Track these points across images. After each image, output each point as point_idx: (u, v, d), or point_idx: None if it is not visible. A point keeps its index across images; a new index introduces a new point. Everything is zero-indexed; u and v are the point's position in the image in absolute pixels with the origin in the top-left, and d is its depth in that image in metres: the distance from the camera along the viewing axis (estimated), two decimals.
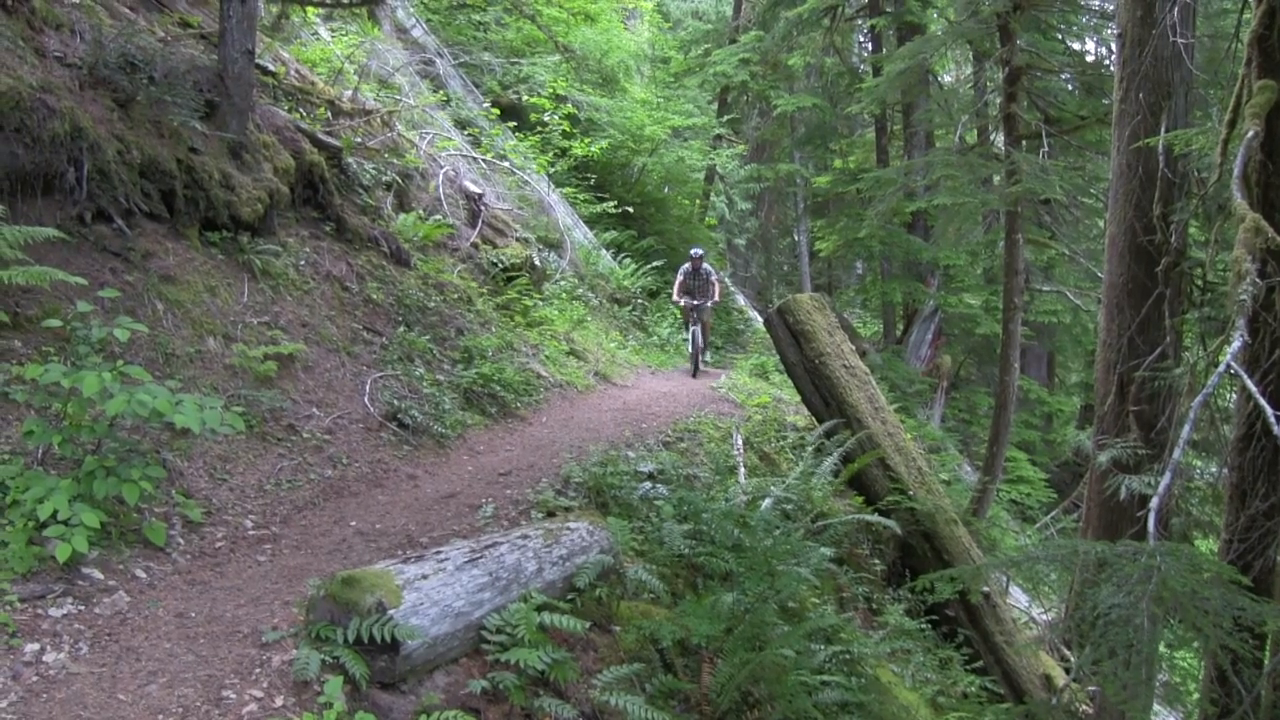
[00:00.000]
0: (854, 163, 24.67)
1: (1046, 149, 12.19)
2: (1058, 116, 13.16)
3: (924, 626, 7.85)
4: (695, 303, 14.66)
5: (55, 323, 5.34)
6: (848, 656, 5.56)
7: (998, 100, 13.93)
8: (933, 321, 20.36)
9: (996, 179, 13.67)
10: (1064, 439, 20.55)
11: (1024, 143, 12.49)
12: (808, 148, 25.30)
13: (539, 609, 4.63)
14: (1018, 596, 11.75)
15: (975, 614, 8.44)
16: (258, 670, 4.02)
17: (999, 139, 14.12)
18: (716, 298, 14.95)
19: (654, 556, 5.98)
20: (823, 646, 5.50)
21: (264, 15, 11.95)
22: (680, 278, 14.89)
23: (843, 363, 9.30)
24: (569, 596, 5.07)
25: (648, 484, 7.10)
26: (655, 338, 15.98)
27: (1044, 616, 11.19)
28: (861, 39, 25.44)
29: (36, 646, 4.02)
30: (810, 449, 8.63)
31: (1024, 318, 14.91)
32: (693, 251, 14.93)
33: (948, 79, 23.87)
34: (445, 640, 4.28)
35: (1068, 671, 9.07)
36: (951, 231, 18.61)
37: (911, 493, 8.65)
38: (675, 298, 14.94)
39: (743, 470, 8.48)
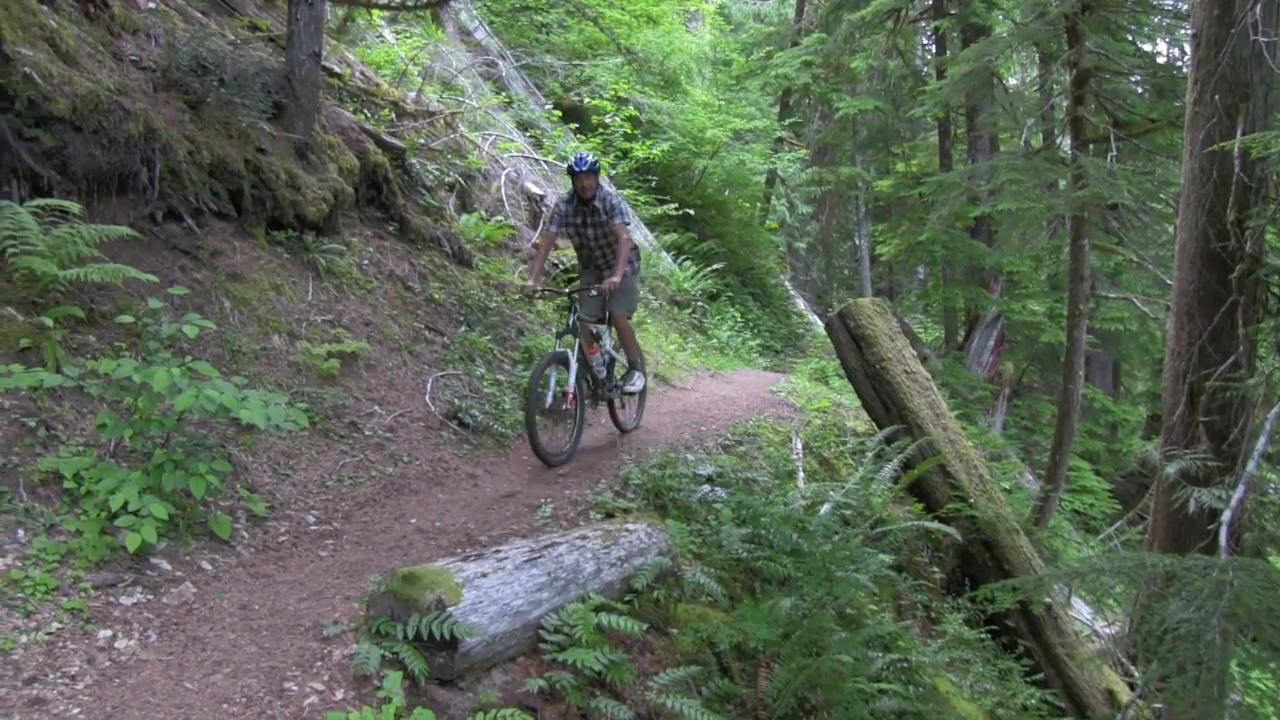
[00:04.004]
0: (916, 166, 24.42)
1: (1115, 153, 11.96)
2: (1127, 120, 12.89)
3: (983, 636, 7.73)
4: (585, 286, 7.98)
5: (128, 319, 5.46)
6: (906, 665, 5.49)
7: (1064, 103, 13.70)
8: (995, 328, 20.07)
9: (1062, 184, 13.43)
10: (1129, 449, 20.13)
11: (1091, 146, 12.27)
12: (869, 151, 25.10)
13: (597, 610, 4.63)
14: (1080, 609, 11.53)
15: (1036, 625, 8.30)
16: (319, 663, 4.06)
17: (1065, 143, 13.90)
18: (625, 264, 7.67)
19: (712, 560, 5.96)
20: (880, 654, 5.43)
21: (330, 18, 12.13)
22: (554, 223, 7.99)
23: (904, 368, 9.20)
24: (626, 598, 5.06)
25: (706, 487, 7.07)
26: (715, 340, 15.91)
27: (1107, 630, 10.96)
28: (925, 41, 25.19)
29: (109, 633, 4.12)
30: (870, 454, 8.54)
31: (1089, 325, 14.62)
32: (576, 160, 7.72)
33: (1013, 82, 23.50)
34: (503, 639, 4.29)
35: (1132, 687, 8.89)
36: (1015, 237, 18.34)
37: (972, 500, 8.53)
38: (533, 281, 7.74)
39: (802, 475, 8.42)
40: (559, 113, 17.23)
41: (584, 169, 7.64)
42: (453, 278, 9.31)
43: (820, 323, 21.76)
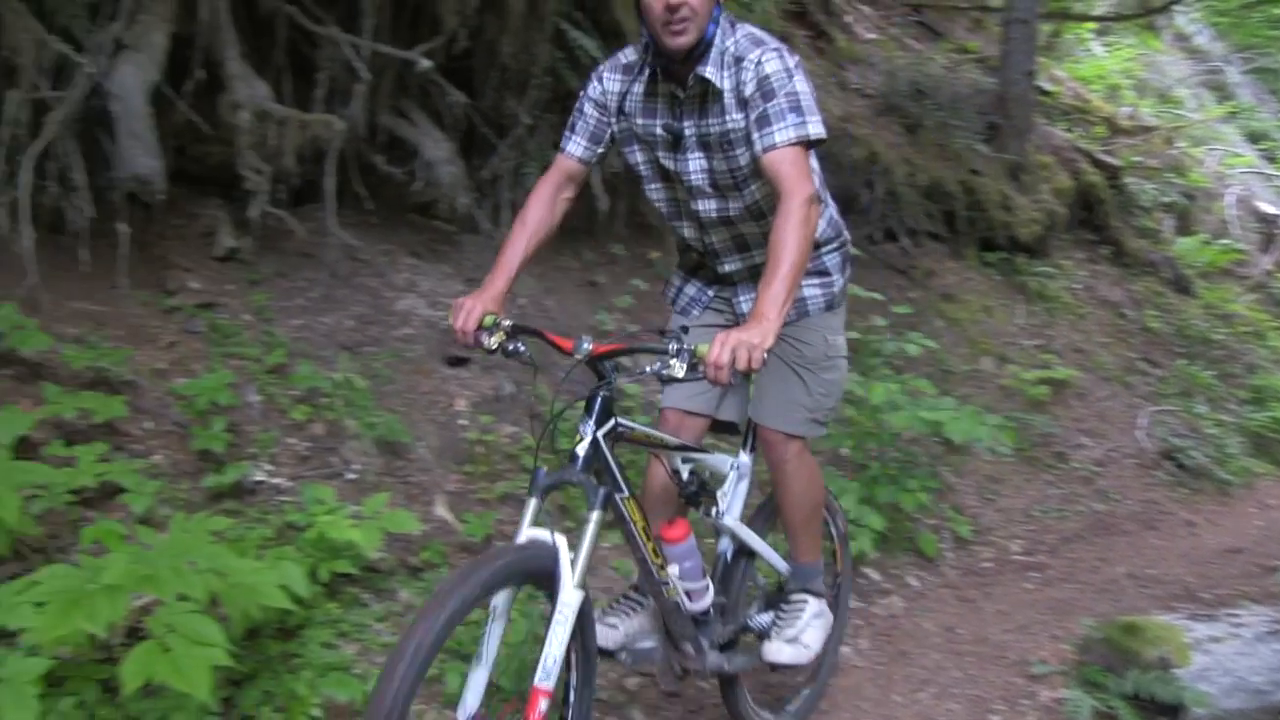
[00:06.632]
0: None
1: None
2: None
3: None
4: (671, 328, 2.83)
5: (853, 334, 5.77)
6: None
7: None
8: None
9: None
10: None
11: None
12: None
13: None
14: None
15: None
16: (1025, 702, 3.89)
17: None
18: (799, 269, 2.28)
19: None
20: None
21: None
22: (576, 133, 2.75)
23: None
24: None
25: None
26: None
27: None
28: None
29: None
30: None
31: None
32: None
33: None
34: (1234, 717, 3.77)
35: None
36: None
37: None
38: (474, 300, 2.49)
39: None
40: None
41: None
42: (1171, 305, 8.67)
43: None
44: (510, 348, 2.43)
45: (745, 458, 3.08)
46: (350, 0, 4.52)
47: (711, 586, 2.85)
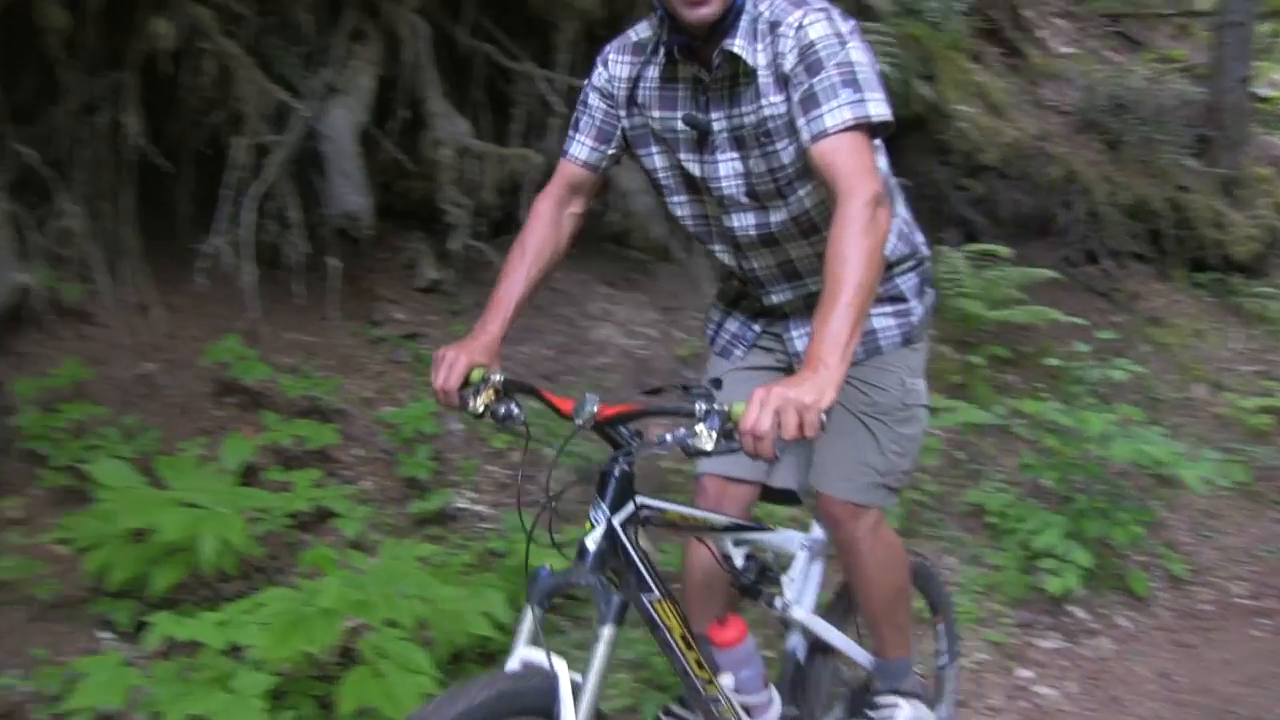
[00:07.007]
0: None
1: None
2: None
3: None
4: (694, 385, 1.89)
5: (1054, 361, 5.54)
6: None
7: None
8: None
9: None
10: None
11: None
12: None
13: None
14: None
15: None
16: None
17: None
18: (868, 292, 1.70)
19: None
20: None
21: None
22: (582, 132, 2.26)
23: None
24: None
25: None
26: None
27: None
28: None
29: (1029, 674, 4.12)
30: None
31: None
32: None
33: None
34: None
35: None
36: None
37: None
38: (457, 351, 2.06)
39: None
40: None
41: None
42: None
43: None
44: (502, 411, 1.97)
45: (819, 532, 2.45)
46: (544, 36, 4.64)
47: (778, 697, 2.32)
